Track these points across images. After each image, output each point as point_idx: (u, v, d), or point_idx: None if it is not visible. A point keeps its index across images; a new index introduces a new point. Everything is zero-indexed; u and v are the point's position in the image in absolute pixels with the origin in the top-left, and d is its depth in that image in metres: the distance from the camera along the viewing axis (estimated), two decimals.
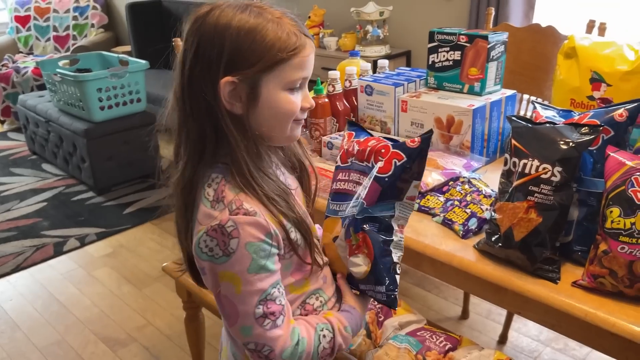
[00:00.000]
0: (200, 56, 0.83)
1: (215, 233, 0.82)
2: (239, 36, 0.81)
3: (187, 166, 0.89)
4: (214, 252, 0.82)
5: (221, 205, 0.83)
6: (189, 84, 0.85)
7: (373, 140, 0.99)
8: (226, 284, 0.83)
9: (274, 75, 0.84)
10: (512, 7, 2.60)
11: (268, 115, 0.86)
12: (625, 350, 0.97)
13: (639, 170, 0.96)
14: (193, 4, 4.39)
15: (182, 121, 0.88)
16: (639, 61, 1.27)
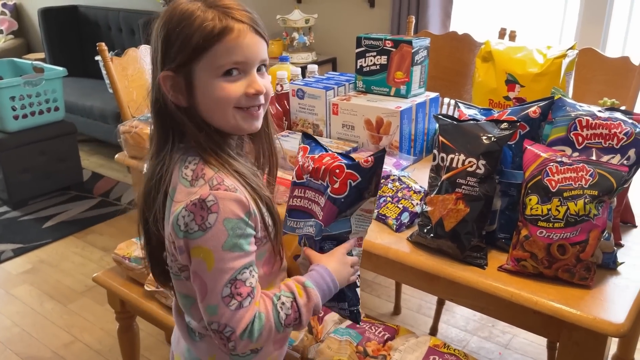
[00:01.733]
0: (151, 52, 0.86)
1: (194, 207, 0.80)
2: (169, 28, 0.82)
3: (159, 155, 0.89)
4: (189, 227, 0.81)
5: (201, 181, 0.82)
6: (152, 80, 0.87)
7: (327, 157, 0.99)
8: (198, 261, 0.82)
9: (203, 63, 0.83)
10: (430, 15, 2.74)
11: (207, 104, 0.86)
12: (547, 326, 1.06)
13: (552, 161, 1.06)
14: (112, 10, 4.26)
15: (152, 116, 0.90)
16: (547, 64, 1.39)
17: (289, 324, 0.87)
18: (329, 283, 0.91)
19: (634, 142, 1.06)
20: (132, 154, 1.73)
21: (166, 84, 0.84)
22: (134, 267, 1.54)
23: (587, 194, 1.01)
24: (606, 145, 1.08)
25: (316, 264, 0.93)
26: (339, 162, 0.95)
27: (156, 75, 0.85)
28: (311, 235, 0.97)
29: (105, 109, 3.66)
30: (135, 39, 4.05)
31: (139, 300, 1.52)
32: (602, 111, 1.13)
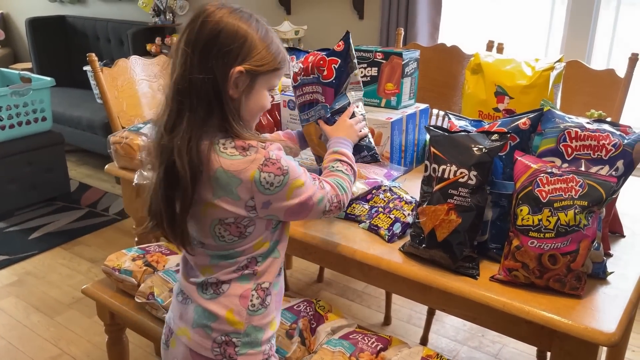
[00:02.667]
0: (220, 42, 0.98)
1: (267, 167, 0.99)
2: (258, 39, 1.01)
3: (188, 130, 0.98)
4: (275, 182, 1.00)
5: (252, 149, 1.00)
6: (200, 61, 0.98)
7: (310, 56, 1.28)
8: (297, 191, 1.03)
9: (267, 77, 1.04)
10: (419, 28, 2.76)
11: (253, 105, 1.05)
12: (539, 336, 1.07)
13: (543, 172, 1.07)
14: (100, 20, 4.25)
15: (183, 92, 0.99)
16: (536, 76, 1.41)
17: (349, 172, 1.17)
18: (346, 144, 1.23)
19: (622, 153, 1.08)
20: (122, 165, 1.72)
21: (234, 76, 1.00)
22: (124, 279, 1.53)
23: (577, 205, 1.03)
24: (595, 157, 1.10)
25: (331, 137, 1.26)
26: (320, 55, 1.24)
27: (219, 64, 0.98)
28: (322, 115, 1.28)
29: (93, 119, 3.63)
30: (124, 50, 4.04)
31: (129, 312, 1.50)
32: (590, 123, 1.15)
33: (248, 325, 1.07)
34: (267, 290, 1.08)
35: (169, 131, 1.00)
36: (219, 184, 0.99)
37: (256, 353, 1.09)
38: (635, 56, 1.81)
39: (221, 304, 1.06)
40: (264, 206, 1.02)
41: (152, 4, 3.86)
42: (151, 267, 1.55)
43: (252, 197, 1.00)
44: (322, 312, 1.35)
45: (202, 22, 1.00)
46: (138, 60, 2.19)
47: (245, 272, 1.06)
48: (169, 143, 0.98)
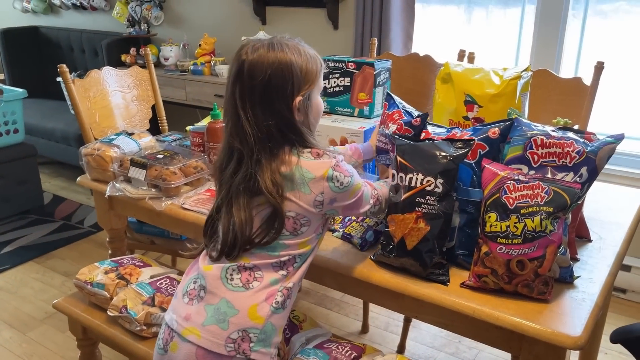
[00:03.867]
0: (274, 84, 1.08)
1: (338, 168, 1.09)
2: (299, 68, 1.09)
3: (259, 162, 1.10)
4: (344, 181, 1.09)
5: (325, 155, 1.10)
6: (263, 105, 1.08)
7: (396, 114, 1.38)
8: (356, 193, 1.13)
9: (316, 86, 1.14)
10: (392, 38, 2.79)
11: (315, 114, 1.17)
12: (508, 341, 1.09)
13: (510, 179, 1.09)
14: (74, 31, 4.21)
15: (254, 133, 1.09)
16: (504, 85, 1.44)
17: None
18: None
19: (586, 160, 1.10)
20: (94, 177, 1.70)
21: (297, 106, 1.10)
22: (96, 292, 1.51)
23: (543, 211, 1.05)
24: (560, 164, 1.13)
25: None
26: (400, 120, 1.33)
27: (281, 100, 1.09)
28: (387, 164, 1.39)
29: (67, 130, 3.59)
30: (98, 60, 4.00)
31: (102, 326, 1.48)
32: (555, 130, 1.17)
33: (267, 322, 1.10)
34: (290, 290, 1.14)
35: (233, 173, 1.13)
36: (293, 179, 1.08)
37: (267, 353, 1.11)
38: (600, 65, 1.86)
39: (247, 297, 1.10)
40: (330, 202, 1.11)
41: (127, 15, 3.84)
42: (124, 279, 1.53)
43: (322, 192, 1.08)
44: (297, 321, 1.35)
45: (248, 71, 1.08)
46: (111, 71, 2.17)
47: (281, 270, 1.12)
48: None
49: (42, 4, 4.43)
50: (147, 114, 2.30)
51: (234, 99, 1.10)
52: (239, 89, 1.09)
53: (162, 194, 1.55)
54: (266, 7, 3.32)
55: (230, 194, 1.13)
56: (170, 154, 1.65)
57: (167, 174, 1.54)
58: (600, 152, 1.10)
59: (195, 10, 3.68)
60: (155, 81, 2.30)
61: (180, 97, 3.43)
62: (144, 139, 1.79)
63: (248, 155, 1.10)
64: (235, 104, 1.10)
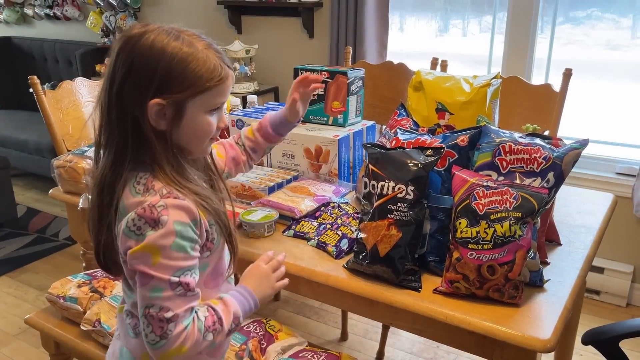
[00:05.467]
0: (133, 74, 0.89)
1: (144, 212, 0.87)
2: (172, 62, 0.89)
3: (108, 169, 0.93)
4: (142, 229, 0.87)
5: (152, 192, 0.90)
6: (117, 97, 0.90)
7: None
8: (144, 255, 0.87)
9: (198, 100, 0.93)
10: (367, 46, 2.82)
11: (189, 133, 0.95)
12: (481, 346, 1.10)
13: (479, 186, 1.11)
14: (47, 41, 4.16)
15: (105, 128, 0.93)
16: (474, 93, 1.46)
17: (209, 326, 0.93)
18: (246, 296, 1.02)
19: (552, 165, 1.13)
20: (67, 189, 1.69)
21: (153, 109, 0.90)
22: (69, 307, 1.49)
23: (511, 216, 1.06)
24: (528, 169, 1.15)
25: (237, 285, 1.06)
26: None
27: (135, 96, 0.90)
28: None
29: (41, 142, 3.54)
30: (72, 71, 3.96)
31: (75, 341, 1.46)
32: (523, 137, 1.19)
33: None
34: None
35: (96, 163, 0.97)
36: (118, 215, 0.92)
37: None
38: (568, 71, 1.90)
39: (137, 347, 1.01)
40: (123, 252, 0.90)
41: (101, 25, 3.81)
42: (98, 293, 1.51)
43: (119, 237, 0.90)
44: (273, 331, 1.35)
45: (118, 50, 0.91)
46: (84, 81, 2.15)
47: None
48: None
49: (15, 15, 4.38)
50: None
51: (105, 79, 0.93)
52: (108, 67, 0.93)
53: None
54: (241, 16, 3.33)
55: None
56: None
57: None
58: (566, 157, 1.12)
59: (170, 19, 3.62)
60: None
61: None
62: None
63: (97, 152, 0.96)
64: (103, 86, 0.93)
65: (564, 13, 2.54)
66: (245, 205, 1.50)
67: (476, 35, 2.80)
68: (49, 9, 4.13)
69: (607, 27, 2.47)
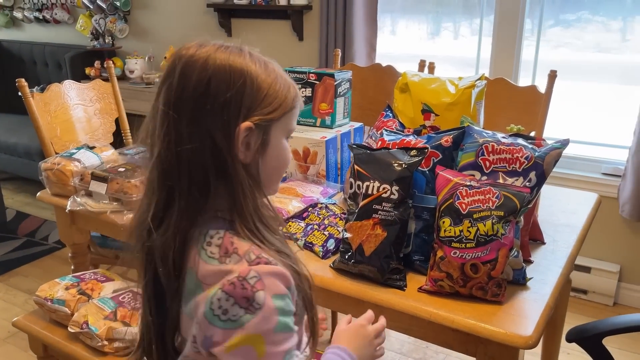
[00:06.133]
0: (212, 97, 0.74)
1: (233, 288, 0.70)
2: (257, 80, 0.77)
3: (171, 227, 0.75)
4: (231, 314, 0.70)
5: (235, 257, 0.73)
6: (191, 127, 0.74)
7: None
8: (245, 349, 0.71)
9: (281, 123, 0.80)
10: (356, 49, 2.84)
11: (273, 163, 0.81)
12: (465, 343, 1.11)
13: (462, 185, 1.12)
14: (37, 44, 4.15)
15: (167, 169, 0.76)
16: (459, 94, 1.48)
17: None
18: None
19: (534, 165, 1.14)
20: (55, 192, 1.69)
21: (242, 135, 0.75)
22: (57, 309, 1.49)
23: (494, 215, 1.08)
24: (510, 169, 1.16)
25: (333, 344, 0.90)
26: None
27: (218, 121, 0.74)
28: None
29: (30, 145, 3.52)
30: (62, 74, 3.95)
31: (63, 344, 1.46)
32: (505, 137, 1.21)
33: None
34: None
35: (157, 228, 0.76)
36: (185, 290, 0.75)
37: None
38: (553, 73, 1.93)
39: None
40: (205, 342, 0.73)
41: (91, 28, 3.81)
42: (86, 295, 1.51)
43: (198, 322, 0.73)
44: None
45: (182, 69, 0.75)
46: (72, 84, 2.15)
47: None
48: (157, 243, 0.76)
49: (4, 18, 4.36)
50: (111, 127, 2.28)
51: (154, 107, 0.78)
52: (165, 92, 0.76)
53: (124, 207, 1.54)
54: (231, 19, 3.34)
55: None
56: (132, 167, 1.64)
57: (129, 187, 1.53)
58: (547, 157, 1.14)
59: (161, 22, 3.67)
60: (118, 94, 2.28)
61: (146, 110, 3.36)
62: (105, 153, 1.77)
63: (149, 195, 0.78)
64: (153, 115, 0.78)
65: (554, 16, 2.57)
66: None
67: (467, 38, 2.82)
68: (39, 12, 4.12)
69: (597, 29, 2.50)
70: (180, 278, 0.76)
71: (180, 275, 0.76)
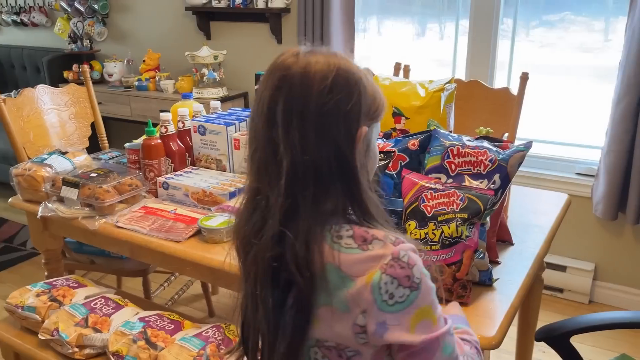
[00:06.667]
0: (336, 98, 0.76)
1: (393, 270, 0.74)
2: (368, 86, 0.81)
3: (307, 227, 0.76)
4: (398, 296, 0.74)
5: (377, 242, 0.76)
6: (317, 127, 0.76)
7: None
8: (424, 323, 0.75)
9: (378, 124, 0.86)
10: None
11: (373, 162, 0.87)
12: None
13: (427, 188, 1.13)
14: (14, 47, 4.11)
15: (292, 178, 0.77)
16: (428, 97, 1.49)
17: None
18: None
19: (498, 168, 1.16)
20: (26, 198, 1.67)
21: (360, 139, 0.79)
22: (27, 316, 1.47)
23: (458, 217, 1.09)
24: (475, 172, 1.18)
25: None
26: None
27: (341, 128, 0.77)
28: None
29: (7, 150, 3.48)
30: (40, 77, 3.91)
31: (34, 351, 1.45)
32: (471, 140, 1.23)
33: None
34: None
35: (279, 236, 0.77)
36: (326, 286, 0.75)
37: None
38: (525, 75, 1.95)
39: None
40: (378, 330, 0.74)
41: (69, 31, 3.78)
42: (57, 301, 1.50)
43: (365, 311, 0.74)
44: (232, 336, 1.36)
45: (302, 75, 0.77)
46: (46, 89, 2.14)
47: None
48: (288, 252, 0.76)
49: None
50: (86, 131, 2.27)
51: (268, 120, 0.78)
52: (283, 103, 0.76)
53: (96, 212, 1.54)
54: (210, 22, 3.33)
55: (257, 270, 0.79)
56: (105, 172, 1.63)
57: (101, 193, 1.52)
58: (511, 159, 1.16)
59: (139, 25, 3.65)
60: (93, 98, 2.27)
61: (125, 114, 3.39)
62: (78, 158, 1.76)
63: (276, 204, 0.77)
64: (269, 126, 0.77)
65: (537, 17, 2.59)
66: (205, 211, 1.51)
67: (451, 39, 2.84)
68: (16, 15, 4.08)
69: (580, 29, 2.53)
70: (315, 277, 0.76)
71: (312, 276, 0.76)
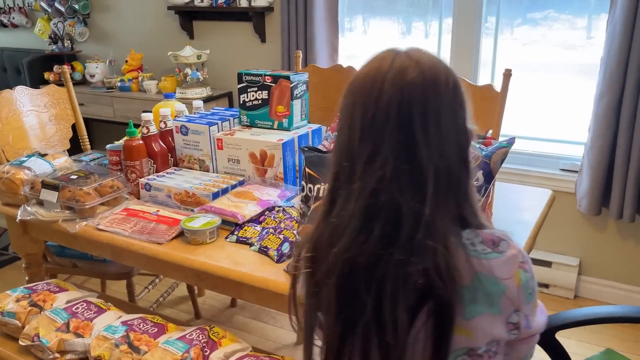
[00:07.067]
0: (456, 110, 0.79)
1: (527, 266, 0.79)
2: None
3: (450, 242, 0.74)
4: (534, 285, 0.81)
5: (504, 243, 0.78)
6: (446, 120, 0.77)
7: None
8: (539, 307, 0.87)
9: None
10: (318, 50, 2.83)
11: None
12: None
13: None
14: (7, 49, 4.04)
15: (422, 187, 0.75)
16: None
17: None
18: None
19: (481, 165, 1.15)
20: (5, 201, 1.64)
21: (471, 140, 0.81)
22: (7, 322, 1.44)
23: None
24: None
25: None
26: None
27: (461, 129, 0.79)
28: None
29: None
30: (21, 79, 3.85)
31: (14, 357, 1.42)
32: None
33: None
34: None
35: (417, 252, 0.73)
36: (479, 295, 0.74)
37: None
38: (508, 72, 1.95)
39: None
40: (526, 323, 0.80)
41: (50, 31, 3.72)
42: (37, 306, 1.47)
43: (518, 310, 0.77)
44: (216, 338, 1.34)
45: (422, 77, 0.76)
46: (25, 90, 2.10)
47: None
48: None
49: None
50: (67, 133, 2.23)
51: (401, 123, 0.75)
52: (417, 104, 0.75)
53: (77, 215, 1.51)
54: (193, 21, 3.30)
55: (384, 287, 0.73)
56: (85, 174, 1.61)
57: (81, 195, 1.50)
58: (494, 156, 1.15)
59: (121, 25, 3.61)
60: (74, 99, 2.24)
61: (108, 115, 3.35)
62: (58, 160, 1.73)
63: (412, 214, 0.73)
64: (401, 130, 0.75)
65: (522, 15, 2.60)
66: (188, 212, 1.49)
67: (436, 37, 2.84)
68: None
69: (563, 27, 2.55)
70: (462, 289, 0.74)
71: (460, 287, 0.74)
